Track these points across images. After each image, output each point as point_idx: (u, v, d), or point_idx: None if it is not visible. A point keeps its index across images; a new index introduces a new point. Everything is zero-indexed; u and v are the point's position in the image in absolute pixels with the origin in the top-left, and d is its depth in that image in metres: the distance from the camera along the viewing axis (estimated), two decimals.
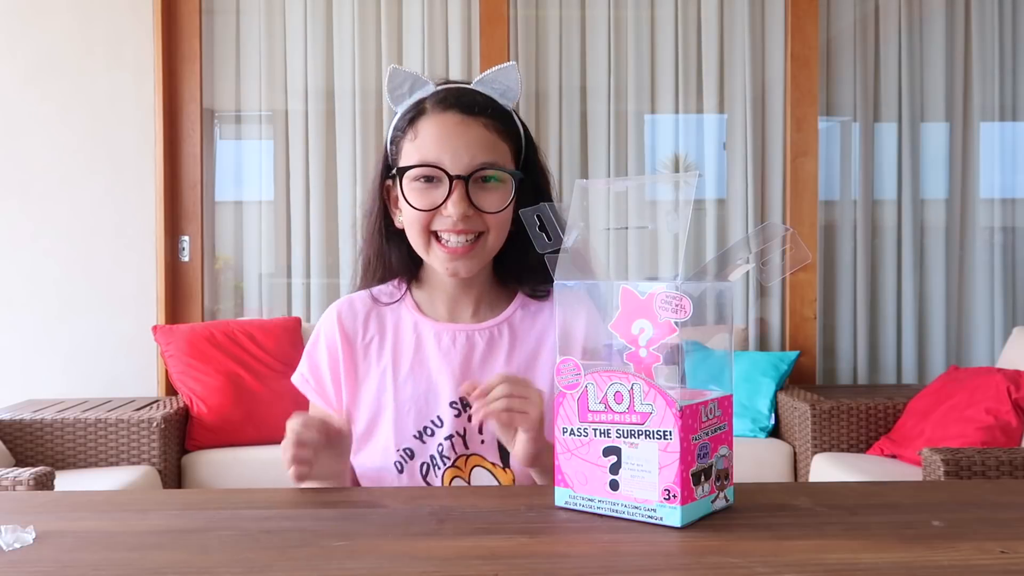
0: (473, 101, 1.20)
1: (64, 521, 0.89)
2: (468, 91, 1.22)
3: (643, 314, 0.84)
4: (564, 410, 0.89)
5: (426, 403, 1.22)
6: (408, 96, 1.22)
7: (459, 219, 1.16)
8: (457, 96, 1.21)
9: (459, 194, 1.16)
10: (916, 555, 0.76)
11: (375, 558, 0.77)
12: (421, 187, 1.18)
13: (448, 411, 1.21)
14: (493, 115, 1.20)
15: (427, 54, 3.84)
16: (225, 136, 4.05)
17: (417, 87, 1.22)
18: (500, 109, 1.22)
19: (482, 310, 1.27)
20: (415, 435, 1.21)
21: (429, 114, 1.20)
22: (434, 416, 1.22)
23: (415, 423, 1.21)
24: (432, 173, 1.18)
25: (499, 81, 1.22)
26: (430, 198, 1.17)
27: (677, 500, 0.83)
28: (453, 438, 1.21)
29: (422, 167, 1.18)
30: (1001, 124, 3.97)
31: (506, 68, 1.23)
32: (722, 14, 3.87)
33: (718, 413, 0.87)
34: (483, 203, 1.17)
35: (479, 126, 1.19)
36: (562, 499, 0.90)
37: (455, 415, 1.21)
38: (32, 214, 3.67)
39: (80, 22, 3.67)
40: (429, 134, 1.18)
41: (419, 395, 1.22)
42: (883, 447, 3.05)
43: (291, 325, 3.57)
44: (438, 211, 1.17)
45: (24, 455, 2.97)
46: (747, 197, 3.85)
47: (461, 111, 1.19)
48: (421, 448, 1.21)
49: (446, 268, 1.19)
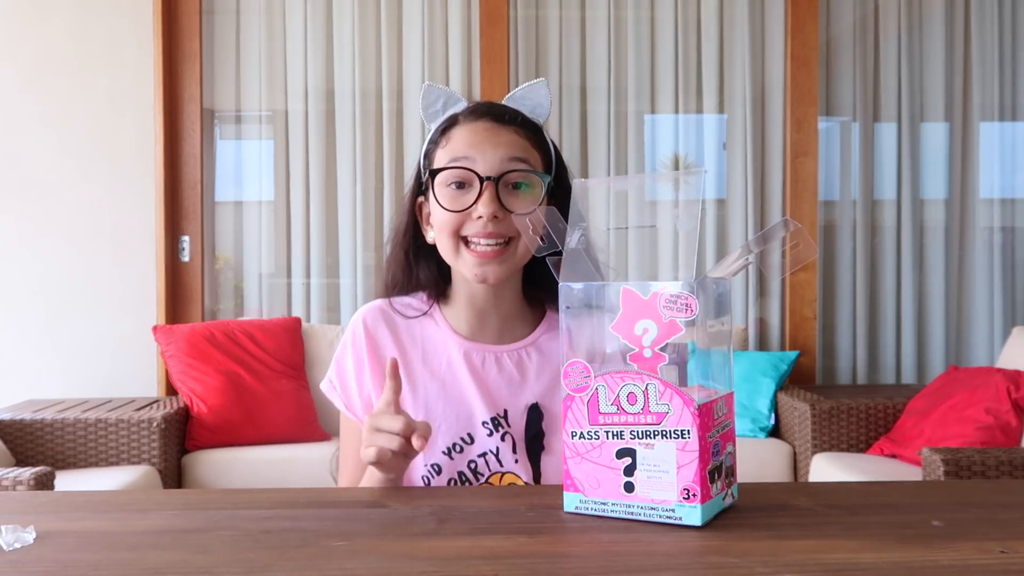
0: (504, 111, 1.23)
1: (64, 521, 0.89)
2: (499, 104, 1.25)
3: (646, 314, 0.84)
4: (572, 413, 0.88)
5: (456, 420, 1.21)
6: (442, 113, 1.24)
7: (489, 219, 1.15)
8: (489, 107, 1.23)
9: (489, 194, 1.15)
10: (916, 555, 0.76)
11: (375, 558, 0.77)
12: (452, 192, 1.18)
13: (480, 429, 1.21)
14: (523, 125, 1.22)
15: (427, 54, 3.84)
16: (225, 136, 4.05)
17: (451, 104, 1.24)
18: (531, 122, 1.24)
19: (509, 330, 1.26)
20: (444, 451, 1.21)
21: (461, 123, 1.22)
22: (464, 433, 1.21)
23: (445, 439, 1.21)
24: (463, 177, 1.18)
25: (529, 98, 1.24)
26: (461, 202, 1.17)
27: (697, 499, 0.83)
28: (487, 455, 1.20)
29: (453, 168, 1.18)
30: (1001, 124, 3.97)
31: (536, 85, 1.25)
32: (722, 14, 3.87)
33: (725, 411, 0.88)
34: (513, 206, 1.16)
35: (510, 132, 1.20)
36: (572, 504, 0.89)
37: (487, 434, 1.20)
38: (32, 214, 3.67)
39: (80, 22, 3.67)
40: (461, 139, 1.20)
41: (449, 412, 1.22)
42: (883, 447, 3.05)
43: (291, 325, 3.57)
44: (468, 215, 1.17)
45: (24, 455, 2.97)
46: (747, 197, 3.85)
47: (493, 119, 1.21)
48: (449, 464, 1.20)
49: (475, 274, 1.18)
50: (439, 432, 1.21)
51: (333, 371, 1.29)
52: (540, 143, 1.23)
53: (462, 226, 1.18)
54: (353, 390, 1.26)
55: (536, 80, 1.27)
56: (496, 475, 1.20)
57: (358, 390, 1.26)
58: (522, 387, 1.22)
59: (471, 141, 1.19)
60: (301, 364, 3.46)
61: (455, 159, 1.18)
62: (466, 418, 1.21)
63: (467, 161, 1.17)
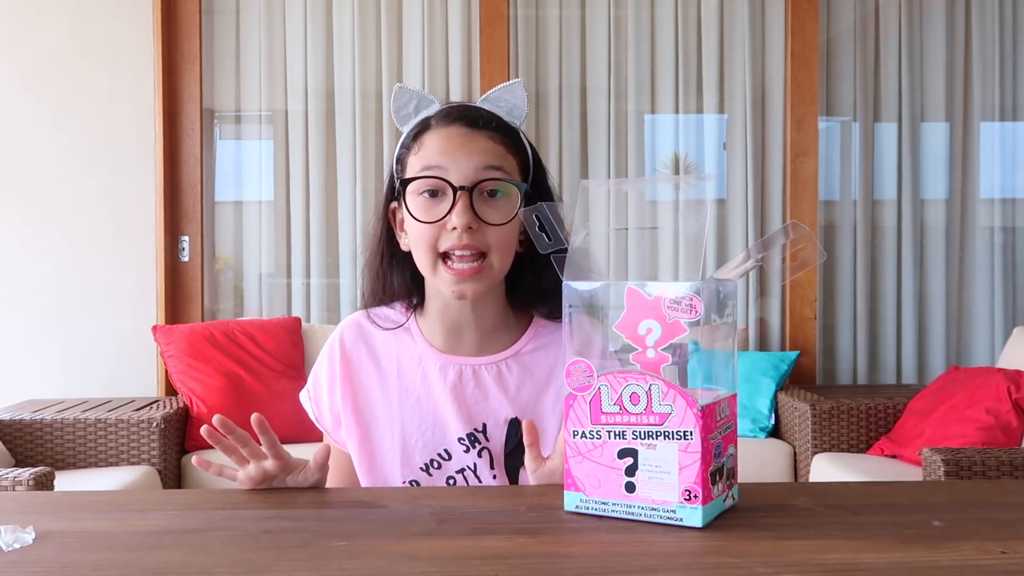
0: (478, 115, 1.18)
1: (64, 521, 0.89)
2: (473, 107, 1.20)
3: (650, 314, 0.84)
4: (575, 413, 0.88)
5: (432, 436, 1.20)
6: (414, 116, 1.21)
7: (463, 230, 1.11)
8: (462, 111, 1.19)
9: (463, 204, 1.11)
10: (916, 555, 0.76)
11: (375, 558, 0.77)
12: (425, 201, 1.14)
13: (457, 446, 1.20)
14: (499, 129, 1.18)
15: (427, 54, 3.84)
16: (225, 136, 4.05)
17: (423, 106, 1.21)
18: (506, 125, 1.20)
19: (489, 342, 1.22)
20: (422, 467, 1.20)
21: (434, 128, 1.18)
22: (441, 449, 1.20)
23: (421, 455, 1.20)
24: (436, 186, 1.14)
25: (505, 99, 1.21)
26: (434, 212, 1.13)
27: (698, 500, 0.83)
28: (464, 471, 1.20)
29: (425, 177, 1.14)
30: (1001, 124, 3.97)
31: (512, 86, 1.22)
32: (722, 14, 3.87)
33: (727, 412, 0.87)
34: (488, 215, 1.13)
35: (484, 138, 1.16)
36: (572, 503, 0.89)
37: (464, 450, 1.19)
38: (32, 214, 3.67)
39: (80, 22, 3.67)
40: (433, 146, 1.16)
41: (426, 428, 1.20)
42: (883, 447, 3.05)
43: (291, 325, 3.57)
44: (443, 227, 1.13)
45: (24, 455, 2.97)
46: (747, 197, 3.85)
47: (466, 124, 1.17)
48: (428, 480, 1.20)
49: (452, 291, 1.14)
50: (415, 448, 1.20)
51: (311, 382, 1.30)
52: (517, 147, 1.19)
53: (438, 240, 1.13)
54: (324, 403, 1.27)
55: (512, 80, 1.23)
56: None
57: (329, 404, 1.26)
58: (501, 401, 1.20)
59: (444, 148, 1.14)
60: (301, 364, 3.46)
61: (427, 167, 1.14)
62: (441, 434, 1.20)
63: (439, 171, 1.13)
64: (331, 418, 1.26)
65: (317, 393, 1.28)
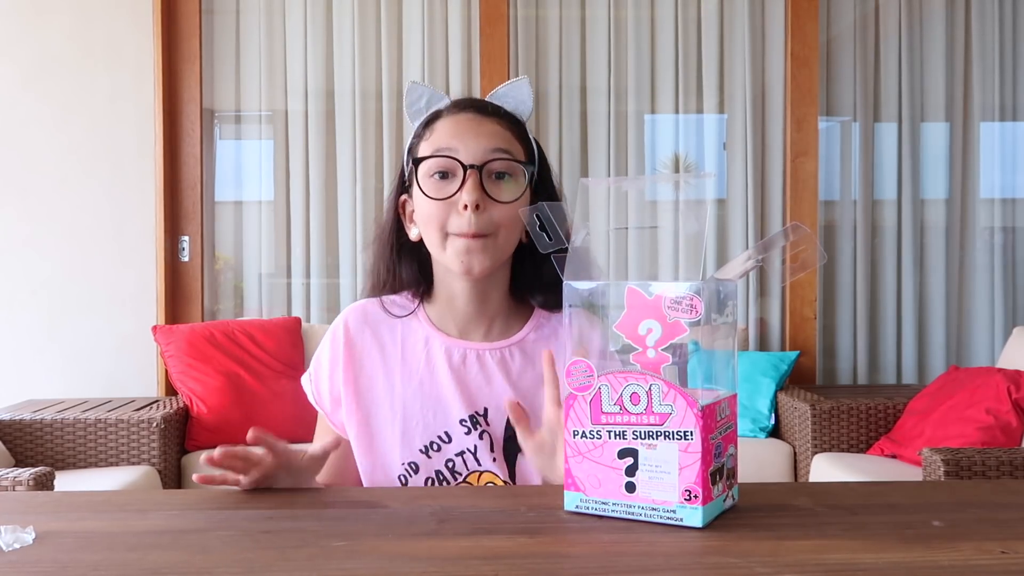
0: (487, 104, 1.24)
1: (64, 521, 0.89)
2: (482, 99, 1.25)
3: (651, 314, 0.84)
4: (575, 412, 0.88)
5: (434, 418, 1.21)
6: (425, 110, 1.25)
7: (472, 207, 1.14)
8: (471, 100, 1.25)
9: (473, 182, 1.15)
10: (916, 555, 0.76)
11: (375, 558, 0.77)
12: (436, 182, 1.18)
13: (458, 428, 1.20)
14: (506, 117, 1.22)
15: (427, 54, 3.84)
16: (225, 136, 4.05)
17: (434, 101, 1.25)
18: (514, 116, 1.24)
19: (495, 329, 1.26)
20: (421, 449, 1.21)
21: (445, 116, 1.22)
22: (441, 432, 1.21)
23: (421, 438, 1.21)
24: (447, 166, 1.17)
25: (512, 95, 1.24)
26: (445, 191, 1.17)
27: (698, 500, 0.83)
28: (464, 454, 1.20)
29: (437, 156, 1.18)
30: (1001, 124, 3.97)
31: (518, 83, 1.25)
32: (722, 14, 3.87)
33: (728, 412, 0.87)
34: (496, 195, 1.17)
35: (493, 123, 1.20)
36: (572, 503, 0.89)
37: (465, 432, 1.20)
38: (32, 214, 3.67)
39: (80, 22, 3.67)
40: (444, 130, 1.20)
41: (427, 410, 1.22)
42: (883, 447, 3.05)
43: (291, 325, 3.57)
44: (453, 206, 1.16)
45: (24, 455, 2.97)
46: (747, 197, 3.85)
47: (476, 111, 1.22)
48: (427, 463, 1.20)
49: (461, 262, 1.16)
50: (416, 431, 1.21)
51: (312, 365, 1.31)
52: (523, 137, 1.23)
53: (447, 220, 1.17)
54: (324, 384, 1.28)
55: (519, 78, 1.26)
56: (474, 474, 1.20)
57: (329, 385, 1.27)
58: (504, 387, 1.22)
59: (454, 131, 1.19)
60: (301, 364, 3.46)
61: (439, 149, 1.18)
62: (443, 416, 1.21)
63: (450, 151, 1.17)
64: (330, 399, 1.27)
65: (317, 374, 1.29)
